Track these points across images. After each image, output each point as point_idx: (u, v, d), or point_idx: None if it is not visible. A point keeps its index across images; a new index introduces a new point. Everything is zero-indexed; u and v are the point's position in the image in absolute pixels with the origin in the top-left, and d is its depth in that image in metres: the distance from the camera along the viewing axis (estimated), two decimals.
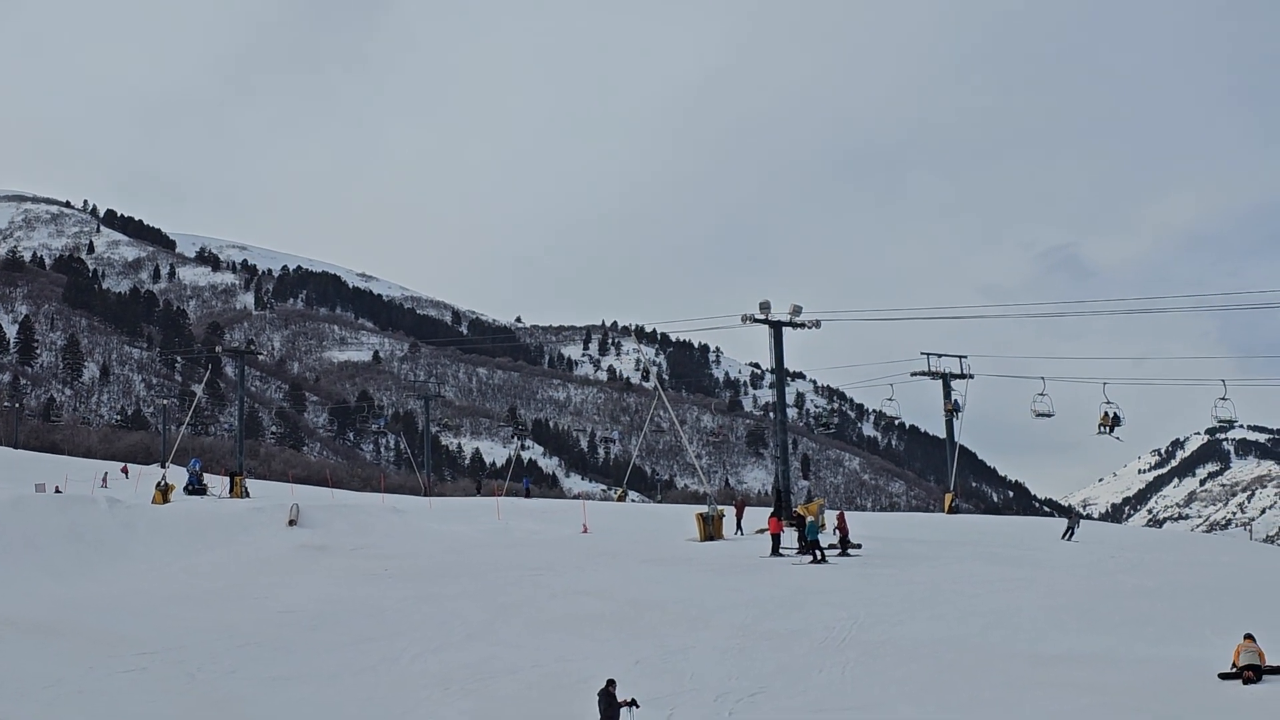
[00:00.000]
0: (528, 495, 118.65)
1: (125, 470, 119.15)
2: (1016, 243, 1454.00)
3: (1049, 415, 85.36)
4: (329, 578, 55.88)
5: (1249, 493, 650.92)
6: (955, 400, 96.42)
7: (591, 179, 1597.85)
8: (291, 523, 71.02)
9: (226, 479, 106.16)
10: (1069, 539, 65.19)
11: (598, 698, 26.71)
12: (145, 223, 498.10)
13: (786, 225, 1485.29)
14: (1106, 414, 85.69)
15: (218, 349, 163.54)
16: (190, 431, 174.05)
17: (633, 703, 26.89)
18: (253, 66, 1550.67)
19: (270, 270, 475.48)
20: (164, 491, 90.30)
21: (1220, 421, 74.40)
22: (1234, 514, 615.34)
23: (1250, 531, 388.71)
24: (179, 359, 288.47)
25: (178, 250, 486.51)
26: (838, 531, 59.31)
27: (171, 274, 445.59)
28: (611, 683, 27.48)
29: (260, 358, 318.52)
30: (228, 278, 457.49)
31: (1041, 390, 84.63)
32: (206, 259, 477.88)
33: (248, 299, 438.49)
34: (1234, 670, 30.95)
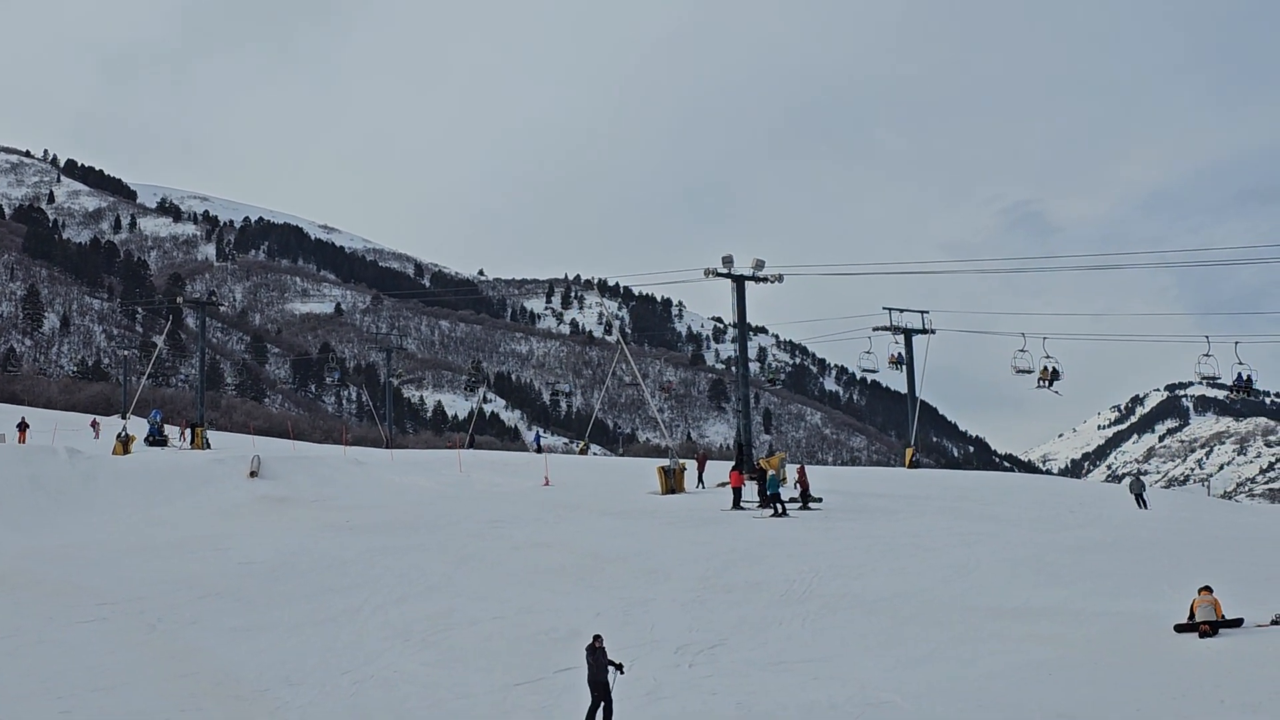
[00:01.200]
0: (539, 450, 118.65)
1: (95, 426, 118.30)
2: (980, 199, 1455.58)
3: (1029, 372, 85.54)
4: (290, 529, 55.82)
5: (1207, 449, 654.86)
6: (899, 354, 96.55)
7: (556, 132, 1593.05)
8: (253, 474, 70.95)
9: (187, 430, 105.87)
10: (1144, 507, 62.73)
11: (586, 654, 26.44)
12: (106, 173, 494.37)
13: (751, 180, 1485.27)
14: (1046, 368, 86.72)
15: (179, 300, 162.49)
16: (151, 383, 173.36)
17: (619, 667, 26.61)
18: (217, 16, 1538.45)
19: (232, 221, 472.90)
20: (125, 443, 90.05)
21: (1204, 379, 74.68)
22: (1192, 470, 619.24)
23: (1208, 487, 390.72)
24: (140, 310, 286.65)
25: (139, 201, 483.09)
26: (799, 485, 59.50)
27: (132, 224, 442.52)
28: (598, 638, 26.90)
29: (221, 309, 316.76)
30: (189, 229, 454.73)
31: (1022, 346, 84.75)
32: (168, 210, 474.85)
33: (209, 250, 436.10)
34: (1190, 623, 31.16)
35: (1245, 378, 79.60)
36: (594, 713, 25.83)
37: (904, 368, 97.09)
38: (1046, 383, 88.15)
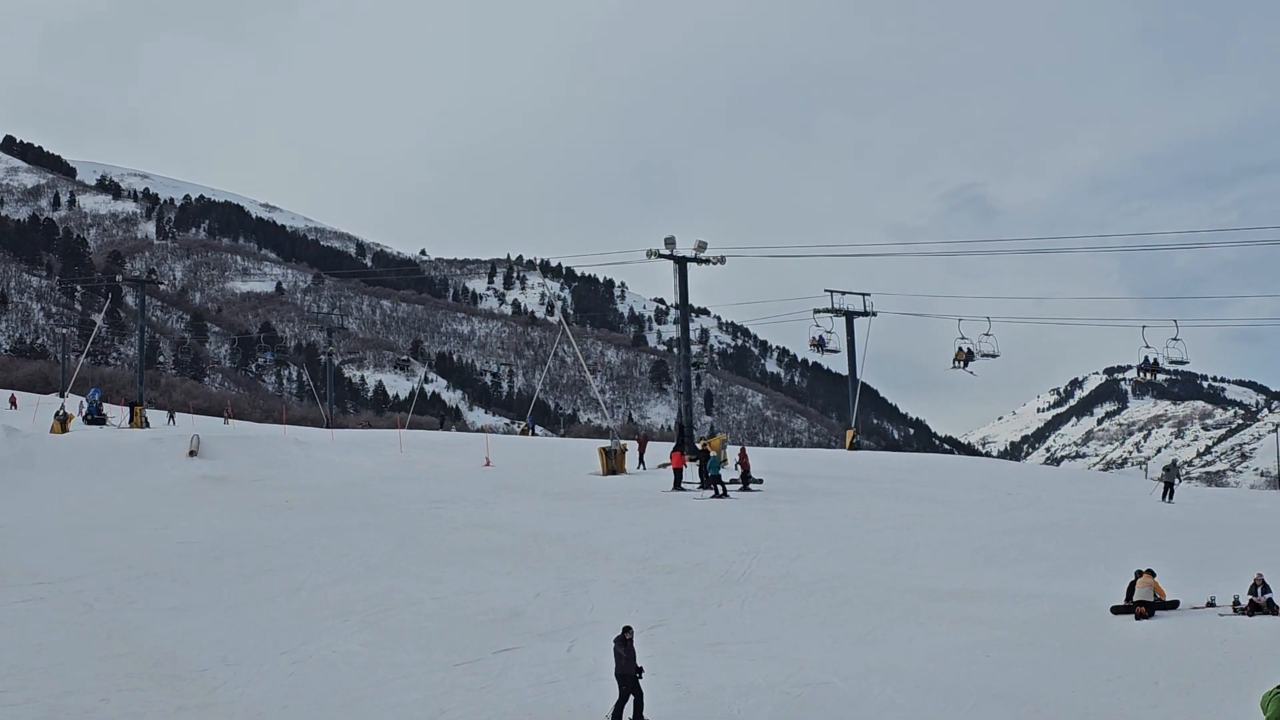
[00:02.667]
0: (531, 433, 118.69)
1: (13, 401, 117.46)
2: (923, 182, 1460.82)
3: (994, 356, 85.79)
4: (229, 509, 55.65)
5: (1145, 432, 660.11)
6: (820, 336, 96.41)
7: (499, 112, 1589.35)
8: (192, 454, 70.76)
9: (126, 409, 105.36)
10: (1168, 500, 60.33)
11: (614, 645, 25.75)
12: (45, 149, 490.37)
13: (695, 161, 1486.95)
14: (960, 349, 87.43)
15: (118, 278, 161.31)
16: (90, 361, 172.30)
17: (639, 670, 25.91)
18: None
19: (172, 199, 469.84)
20: (63, 421, 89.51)
21: (1172, 363, 75.15)
22: (1130, 453, 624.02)
23: (1146, 470, 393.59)
24: (79, 288, 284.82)
25: (78, 178, 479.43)
26: (739, 467, 59.66)
27: (72, 202, 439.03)
28: (628, 630, 26.01)
29: (161, 288, 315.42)
30: (129, 206, 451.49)
31: (987, 330, 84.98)
32: (108, 187, 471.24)
33: (149, 228, 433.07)
34: (1126, 605, 31.41)
35: (1152, 361, 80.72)
36: (622, 706, 25.42)
37: (826, 351, 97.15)
38: (962, 364, 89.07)
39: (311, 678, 28.97)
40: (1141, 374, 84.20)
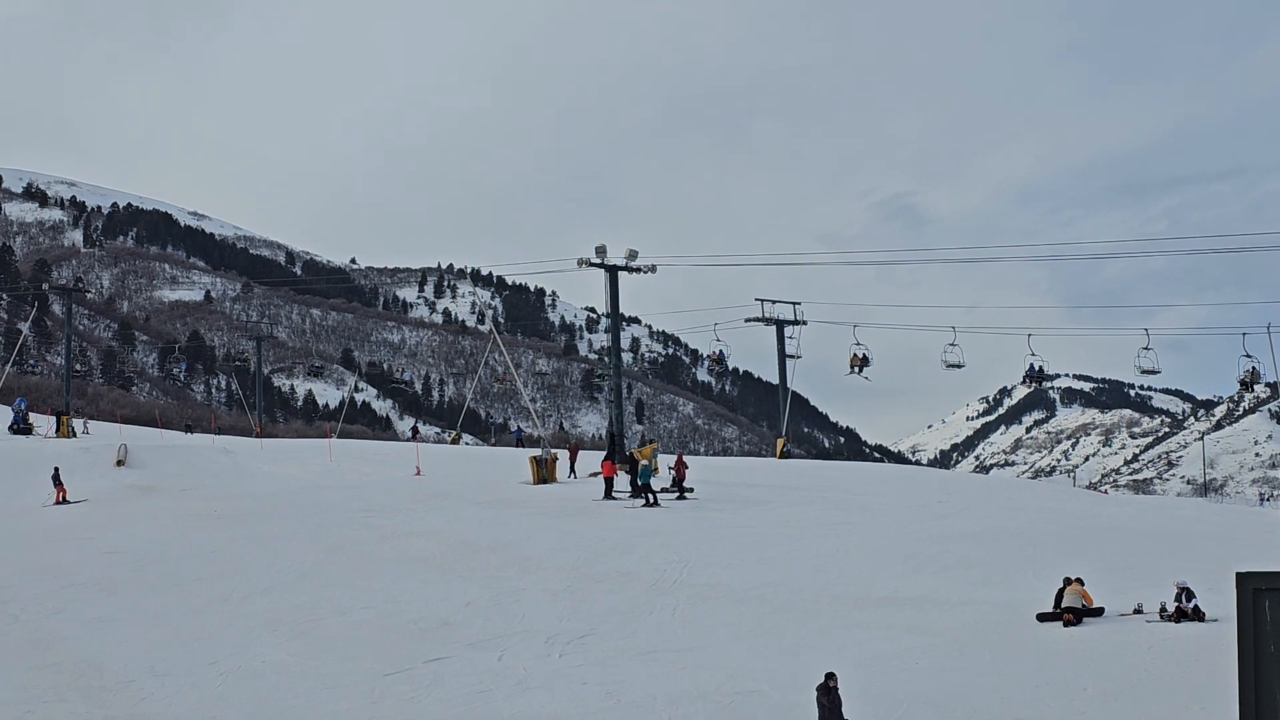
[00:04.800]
0: (519, 444, 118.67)
1: None
2: (855, 191, 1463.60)
3: (959, 366, 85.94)
4: (157, 519, 55.28)
5: (1073, 440, 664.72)
6: (720, 352, 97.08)
7: (427, 119, 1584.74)
8: (119, 463, 70.29)
9: (53, 418, 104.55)
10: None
11: (817, 694, 24.68)
12: None
13: (625, 169, 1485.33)
14: (855, 355, 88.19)
15: (44, 286, 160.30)
16: (15, 370, 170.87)
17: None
18: None
19: (100, 207, 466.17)
20: None
21: (1143, 371, 75.72)
22: (1059, 461, 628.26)
23: (1074, 478, 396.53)
24: (4, 296, 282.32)
25: (3, 185, 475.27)
26: (673, 471, 59.70)
27: None
28: (832, 677, 24.52)
29: (89, 296, 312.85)
30: (55, 214, 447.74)
31: (952, 340, 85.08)
32: (34, 194, 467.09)
33: (76, 236, 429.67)
34: (1053, 611, 31.64)
35: (1038, 369, 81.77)
36: None
37: (721, 368, 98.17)
38: (857, 369, 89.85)
39: (240, 688, 28.83)
40: (1028, 381, 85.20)
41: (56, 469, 64.25)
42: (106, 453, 72.90)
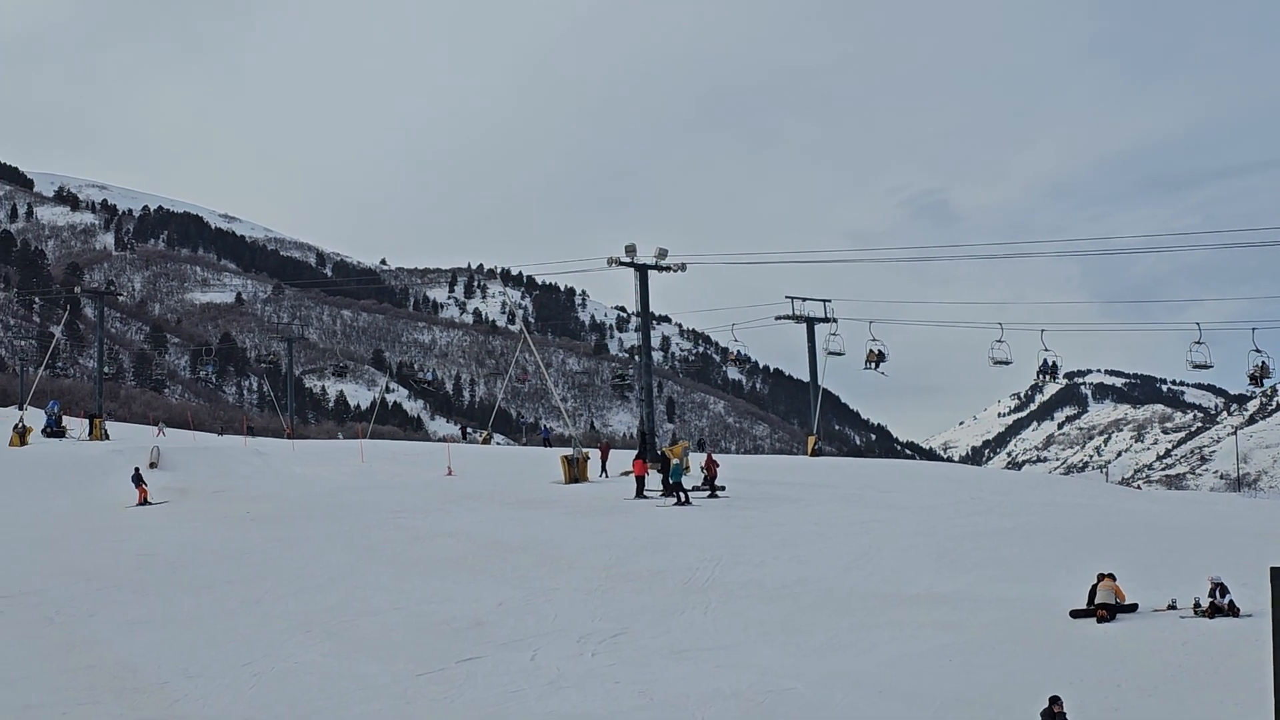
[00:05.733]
0: (546, 444, 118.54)
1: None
2: (885, 188, 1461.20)
3: (1007, 363, 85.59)
4: (190, 521, 55.45)
5: (1105, 436, 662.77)
6: (740, 351, 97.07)
7: (458, 120, 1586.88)
8: (152, 465, 70.48)
9: (85, 421, 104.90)
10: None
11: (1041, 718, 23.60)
12: (2, 161, 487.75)
13: (655, 168, 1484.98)
14: (872, 350, 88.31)
15: (77, 290, 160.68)
16: (48, 374, 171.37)
17: None
18: (118, 1, 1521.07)
19: (131, 210, 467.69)
20: (21, 434, 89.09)
21: (1195, 366, 75.19)
22: (1091, 457, 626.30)
23: (1106, 474, 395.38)
24: (37, 300, 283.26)
25: (35, 189, 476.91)
26: (705, 471, 59.62)
27: (29, 213, 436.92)
28: (1057, 701, 23.56)
29: (120, 299, 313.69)
30: (87, 217, 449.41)
31: (999, 337, 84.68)
32: (65, 198, 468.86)
33: (108, 239, 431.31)
34: (1087, 608, 31.49)
35: (1051, 364, 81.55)
36: None
37: (741, 363, 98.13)
38: (874, 365, 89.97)
39: (273, 689, 28.88)
40: (1040, 376, 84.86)
41: (137, 469, 64.60)
42: (139, 455, 73.05)
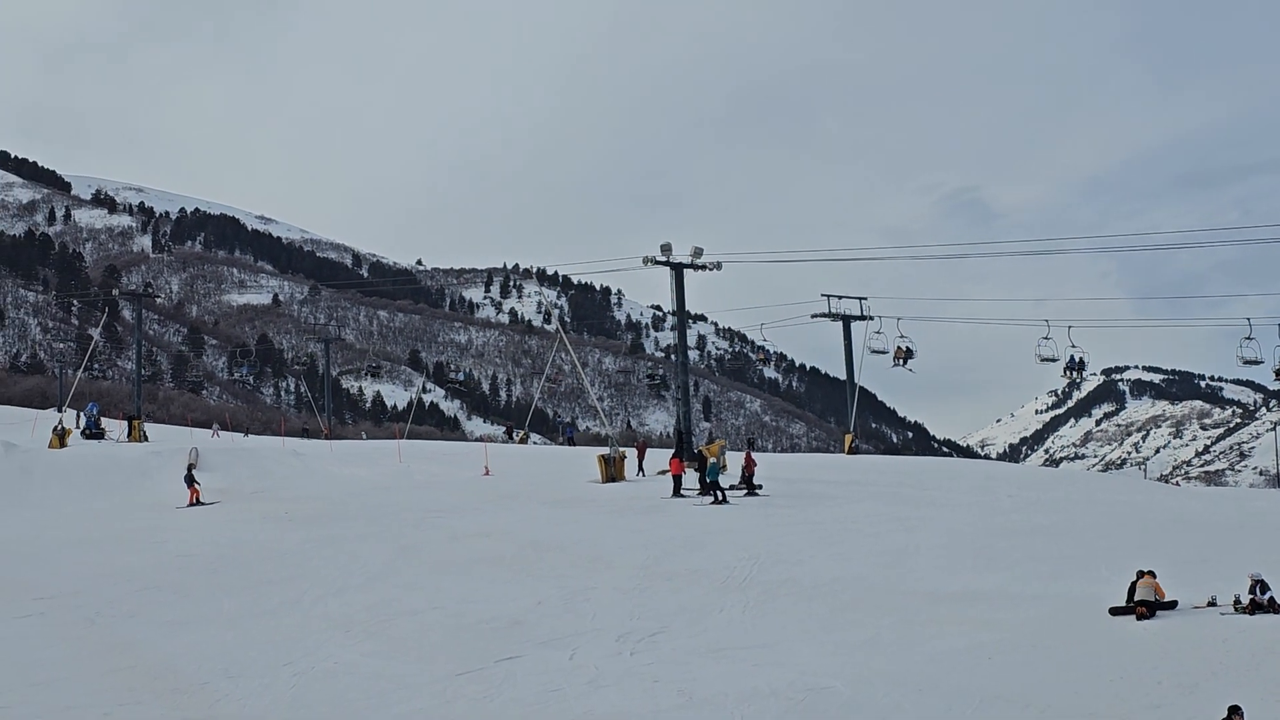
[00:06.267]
0: (569, 444, 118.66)
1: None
2: (920, 186, 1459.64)
3: (1054, 360, 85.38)
4: (229, 521, 55.66)
5: (1143, 433, 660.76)
6: (907, 347, 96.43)
7: (493, 120, 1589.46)
8: (191, 466, 70.61)
9: (124, 423, 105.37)
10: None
11: None
12: (40, 164, 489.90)
13: (690, 167, 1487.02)
14: (900, 347, 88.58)
15: (115, 292, 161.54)
16: (87, 376, 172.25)
17: None
18: (156, 4, 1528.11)
19: (168, 212, 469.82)
20: (61, 436, 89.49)
21: (1246, 362, 74.96)
22: (1129, 453, 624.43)
23: (1144, 470, 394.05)
24: (75, 302, 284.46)
25: (73, 192, 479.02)
26: (745, 471, 59.54)
27: (67, 216, 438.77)
28: (1236, 710, 22.52)
29: (158, 301, 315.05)
30: (124, 220, 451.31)
31: (1046, 334, 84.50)
32: (103, 201, 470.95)
33: (145, 241, 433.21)
34: (1126, 606, 31.39)
35: (1079, 360, 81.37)
36: None
37: (771, 363, 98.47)
38: (901, 361, 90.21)
39: (313, 689, 28.97)
40: (1067, 373, 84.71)
41: (190, 469, 64.92)
42: (178, 457, 73.32)
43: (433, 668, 30.32)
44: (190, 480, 63.02)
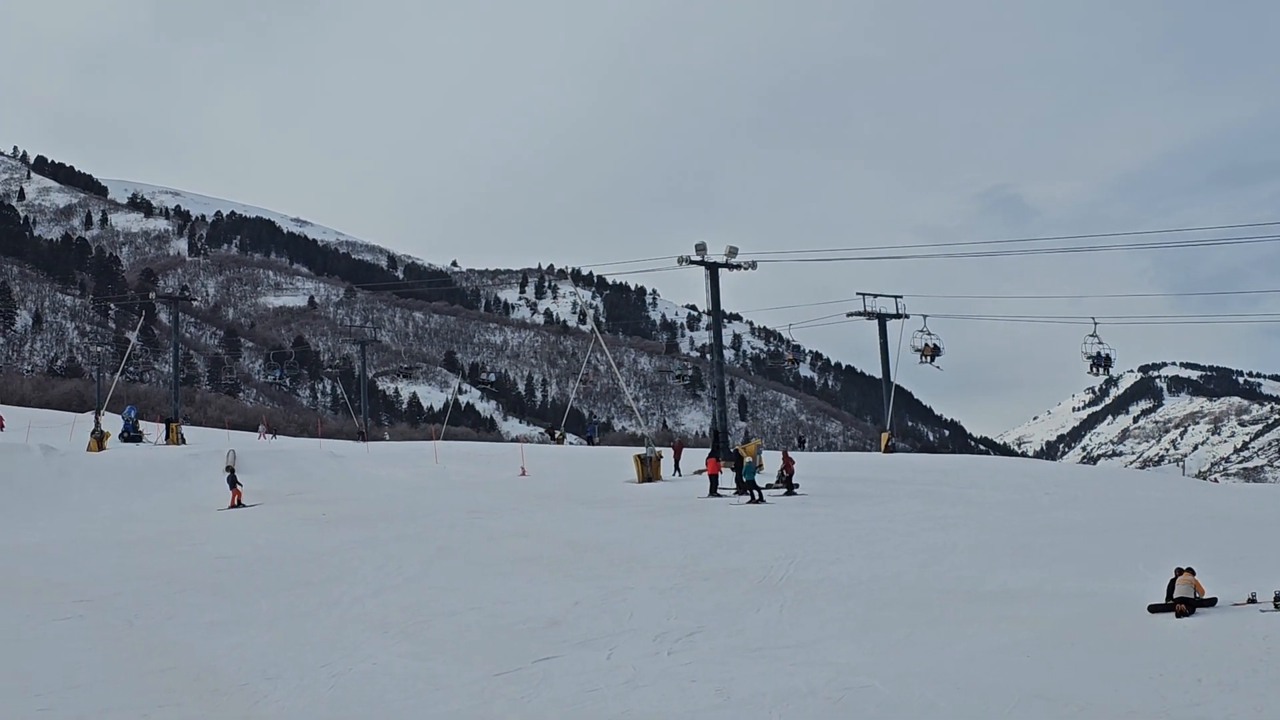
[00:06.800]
0: (590, 443, 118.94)
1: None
2: (956, 184, 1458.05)
3: (1100, 357, 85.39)
4: (266, 523, 55.84)
5: (1181, 429, 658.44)
6: (934, 344, 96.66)
7: (528, 121, 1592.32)
8: (230, 469, 70.91)
9: (162, 426, 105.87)
10: None
11: None
12: (76, 169, 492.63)
13: (725, 167, 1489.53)
14: (926, 345, 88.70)
15: (151, 295, 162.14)
16: (124, 379, 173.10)
17: None
18: (192, 8, 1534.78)
19: (203, 216, 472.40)
20: (99, 439, 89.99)
21: None
22: (1167, 450, 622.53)
23: (1183, 467, 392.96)
24: (112, 306, 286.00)
25: (109, 196, 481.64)
26: (783, 470, 59.53)
27: (104, 220, 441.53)
28: None
29: (194, 304, 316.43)
30: (160, 224, 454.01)
31: (1092, 331, 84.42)
32: (139, 205, 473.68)
33: (181, 245, 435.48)
34: (1165, 603, 31.27)
35: (1104, 356, 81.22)
36: None
37: (796, 365, 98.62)
38: (928, 358, 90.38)
39: (352, 690, 29.02)
40: (1094, 369, 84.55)
41: (232, 471, 65.19)
42: (215, 459, 73.60)
43: (470, 668, 30.35)
44: (233, 482, 63.30)
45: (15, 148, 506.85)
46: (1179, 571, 31.87)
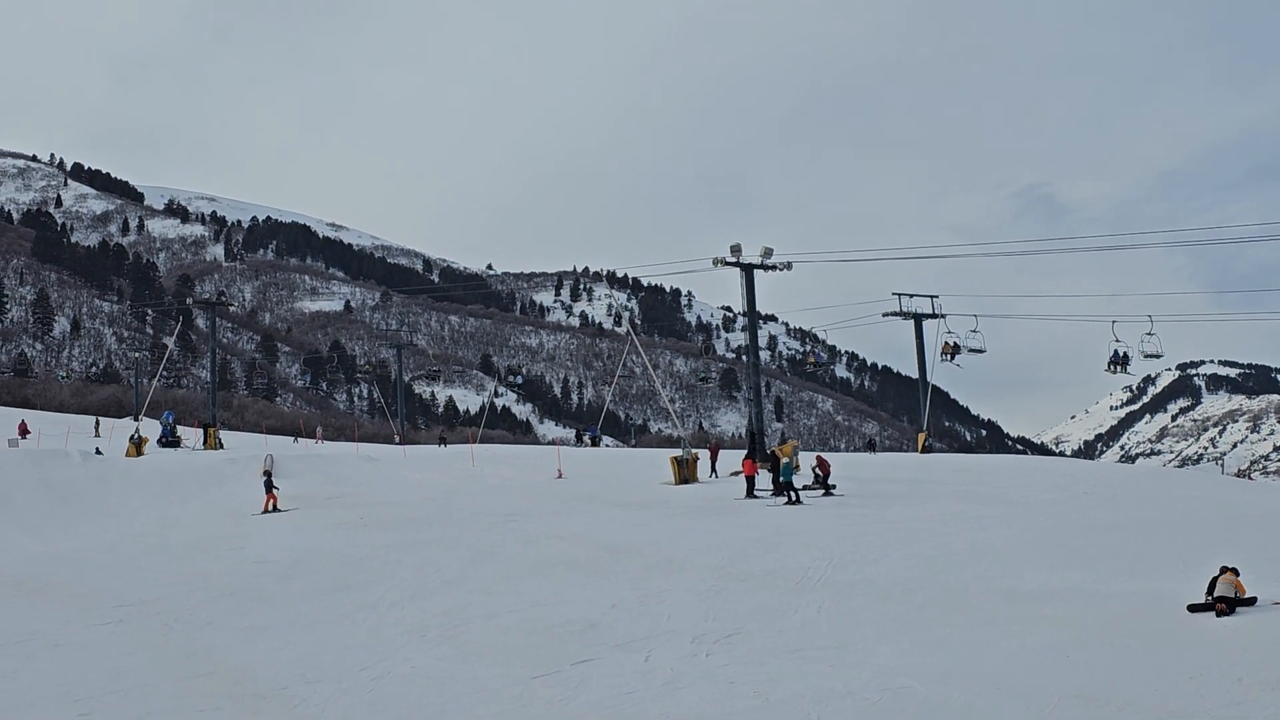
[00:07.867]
0: (594, 444, 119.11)
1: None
2: (991, 183, 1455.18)
3: (1158, 356, 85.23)
4: (304, 527, 56.03)
5: (1220, 427, 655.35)
6: (817, 355, 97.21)
7: (562, 124, 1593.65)
8: (268, 473, 71.15)
9: (200, 431, 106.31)
10: None
11: None
12: (113, 175, 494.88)
13: (760, 168, 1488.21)
14: (948, 343, 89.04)
15: (188, 301, 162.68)
16: (162, 384, 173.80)
17: None
18: (227, 14, 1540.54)
19: (240, 221, 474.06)
20: (138, 444, 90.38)
21: None
22: (1205, 449, 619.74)
23: (1222, 466, 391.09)
24: (150, 312, 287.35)
25: (146, 203, 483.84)
26: (818, 471, 59.50)
27: (140, 227, 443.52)
28: None
29: (231, 309, 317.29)
30: (197, 229, 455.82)
31: (1149, 330, 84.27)
32: (175, 211, 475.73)
33: (217, 250, 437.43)
34: (1205, 602, 31.12)
35: (1122, 354, 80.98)
36: None
37: (821, 370, 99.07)
38: (949, 356, 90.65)
39: (390, 693, 29.06)
40: (1112, 368, 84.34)
41: (268, 475, 65.42)
42: (253, 464, 73.86)
43: (509, 671, 30.36)
44: (269, 486, 63.50)
45: (53, 155, 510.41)
46: (1221, 570, 31.72)
